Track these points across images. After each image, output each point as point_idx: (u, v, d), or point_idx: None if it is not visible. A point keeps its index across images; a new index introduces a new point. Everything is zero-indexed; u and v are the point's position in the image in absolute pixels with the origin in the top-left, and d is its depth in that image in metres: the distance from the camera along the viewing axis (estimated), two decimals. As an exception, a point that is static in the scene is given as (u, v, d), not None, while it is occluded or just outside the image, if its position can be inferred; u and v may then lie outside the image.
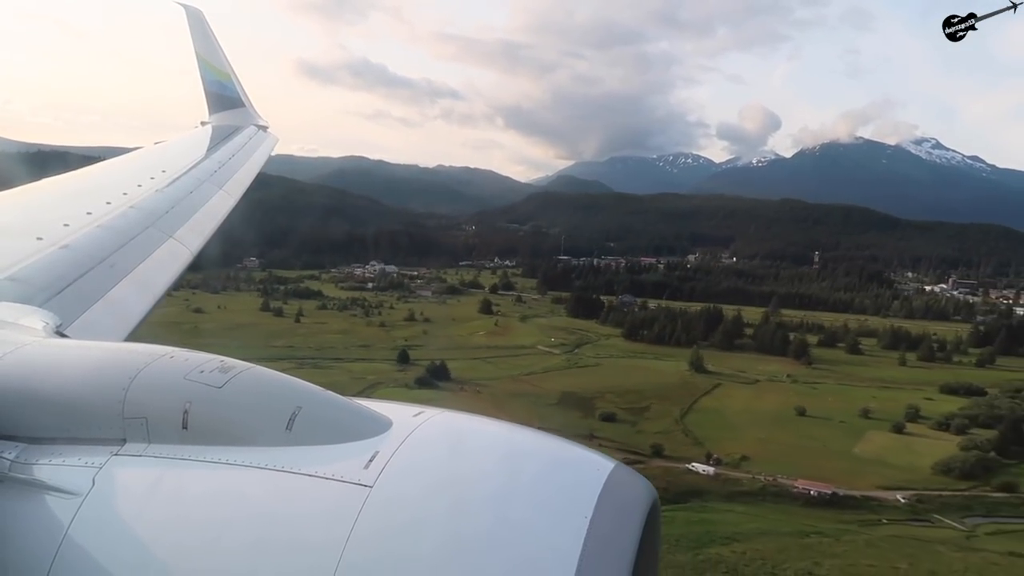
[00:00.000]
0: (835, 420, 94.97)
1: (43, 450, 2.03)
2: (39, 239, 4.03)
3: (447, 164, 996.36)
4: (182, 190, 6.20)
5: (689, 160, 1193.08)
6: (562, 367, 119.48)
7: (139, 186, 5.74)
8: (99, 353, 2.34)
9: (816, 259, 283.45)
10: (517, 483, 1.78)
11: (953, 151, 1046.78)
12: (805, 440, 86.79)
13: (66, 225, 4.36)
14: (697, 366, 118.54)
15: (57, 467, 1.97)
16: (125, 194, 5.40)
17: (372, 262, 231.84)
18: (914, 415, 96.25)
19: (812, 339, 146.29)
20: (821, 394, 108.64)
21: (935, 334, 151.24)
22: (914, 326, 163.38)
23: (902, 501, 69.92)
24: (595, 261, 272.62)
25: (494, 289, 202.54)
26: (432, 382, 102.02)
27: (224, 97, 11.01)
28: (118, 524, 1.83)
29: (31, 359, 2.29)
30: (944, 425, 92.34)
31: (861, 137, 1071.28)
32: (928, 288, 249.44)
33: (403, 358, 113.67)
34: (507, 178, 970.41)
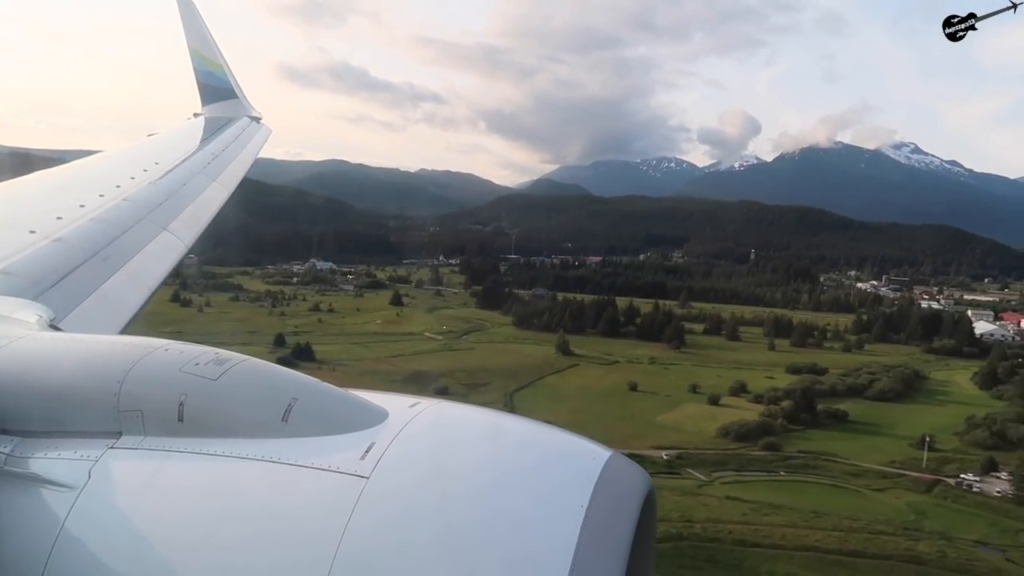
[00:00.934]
0: (661, 394, 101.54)
1: (38, 444, 2.01)
2: (32, 232, 4.02)
3: (430, 168, 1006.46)
4: (175, 182, 6.23)
5: (672, 164, 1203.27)
6: (434, 350, 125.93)
7: (132, 178, 5.72)
8: (93, 346, 2.34)
9: (752, 256, 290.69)
10: (513, 473, 1.79)
11: (932, 155, 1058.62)
12: (618, 410, 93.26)
13: (59, 218, 4.37)
14: (563, 349, 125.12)
15: (53, 460, 1.95)
16: (118, 187, 5.39)
17: (312, 259, 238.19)
18: (739, 390, 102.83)
19: (698, 327, 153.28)
20: (670, 373, 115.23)
21: (827, 324, 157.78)
22: (816, 317, 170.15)
23: (664, 457, 76.43)
24: (543, 260, 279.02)
25: (419, 284, 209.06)
26: (293, 361, 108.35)
27: (217, 88, 10.91)
28: (115, 517, 1.82)
29: (25, 353, 2.28)
30: (760, 398, 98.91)
31: (840, 142, 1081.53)
32: (860, 285, 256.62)
33: (279, 341, 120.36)
34: (487, 181, 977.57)
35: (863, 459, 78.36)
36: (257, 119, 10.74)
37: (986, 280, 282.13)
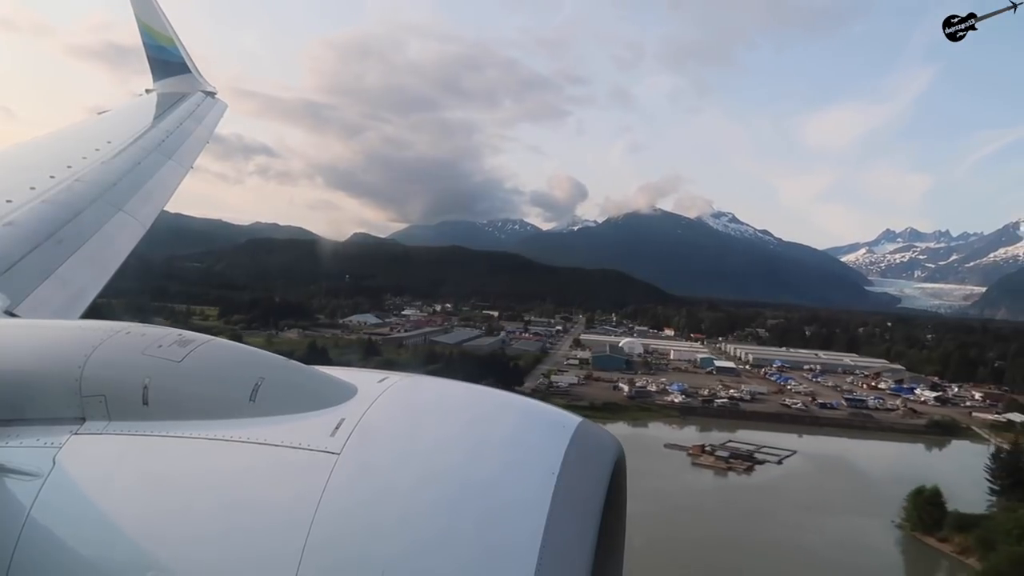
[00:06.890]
0: None
1: None
2: None
3: (264, 221, 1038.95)
4: (129, 161, 6.28)
5: (516, 226, 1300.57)
6: None
7: (84, 158, 5.76)
8: (52, 331, 2.38)
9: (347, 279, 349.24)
10: (484, 443, 1.85)
11: (747, 225, 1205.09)
12: None
13: (9, 201, 4.37)
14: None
15: (15, 449, 1.97)
16: (70, 167, 5.41)
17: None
18: None
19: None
20: None
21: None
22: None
23: None
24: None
25: None
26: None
27: (168, 63, 10.95)
28: (81, 503, 1.84)
29: None
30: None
31: (660, 209, 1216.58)
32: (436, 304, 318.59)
33: None
34: (312, 234, 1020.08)
35: None
36: (212, 94, 10.84)
37: (603, 308, 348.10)
